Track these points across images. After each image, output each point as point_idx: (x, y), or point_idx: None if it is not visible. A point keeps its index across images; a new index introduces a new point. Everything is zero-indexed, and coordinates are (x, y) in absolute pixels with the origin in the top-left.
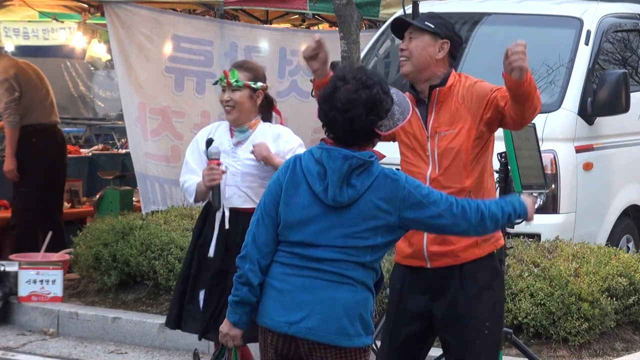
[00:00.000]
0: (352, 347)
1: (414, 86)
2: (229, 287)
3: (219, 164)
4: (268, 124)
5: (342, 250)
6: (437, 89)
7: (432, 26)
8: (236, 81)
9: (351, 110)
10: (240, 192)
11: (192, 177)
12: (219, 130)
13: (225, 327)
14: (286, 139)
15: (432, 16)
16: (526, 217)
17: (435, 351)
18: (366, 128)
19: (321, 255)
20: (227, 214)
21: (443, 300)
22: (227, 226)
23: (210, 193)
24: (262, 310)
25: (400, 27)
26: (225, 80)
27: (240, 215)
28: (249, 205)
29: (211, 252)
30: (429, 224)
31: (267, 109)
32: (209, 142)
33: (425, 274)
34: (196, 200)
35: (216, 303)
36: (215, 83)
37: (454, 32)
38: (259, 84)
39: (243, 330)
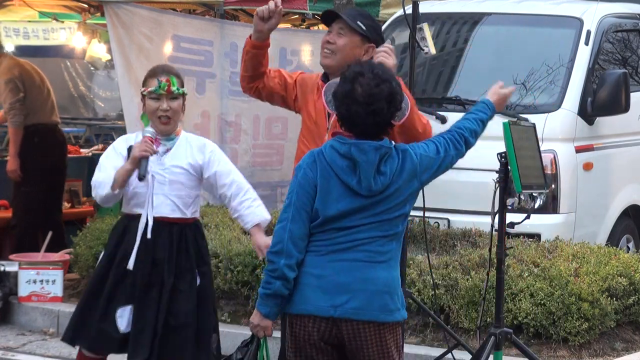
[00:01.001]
0: (392, 321)
1: (327, 76)
2: (165, 301)
3: (152, 142)
4: (188, 133)
5: (377, 227)
6: None
7: (364, 28)
8: (177, 89)
9: (373, 104)
10: (168, 200)
11: (107, 174)
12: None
13: (255, 318)
14: (211, 149)
15: (364, 15)
16: (494, 109)
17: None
18: (387, 120)
19: (357, 236)
20: (150, 223)
21: None
22: (149, 235)
23: (140, 164)
24: (300, 298)
25: (330, 17)
26: (166, 88)
27: (166, 226)
28: (176, 215)
29: (130, 265)
30: (440, 172)
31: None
32: (130, 149)
33: None
34: (112, 188)
35: (154, 321)
36: (154, 91)
37: (381, 36)
38: (184, 89)
39: (273, 321)
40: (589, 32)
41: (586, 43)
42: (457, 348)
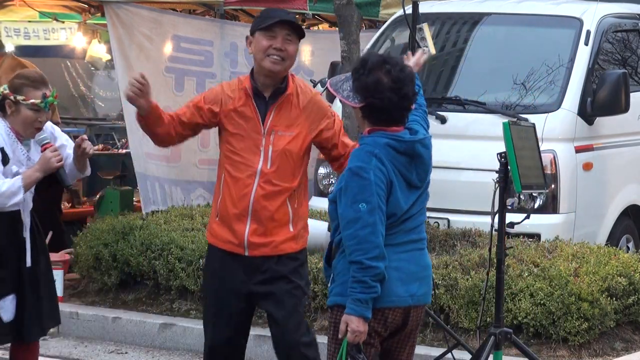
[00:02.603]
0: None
1: (256, 81)
2: (40, 284)
3: (54, 148)
4: None
5: (422, 213)
6: (287, 93)
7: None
8: (55, 101)
9: (403, 88)
10: (30, 195)
11: (3, 181)
12: (2, 141)
13: (360, 325)
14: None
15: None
16: None
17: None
18: (412, 103)
19: (414, 224)
20: (28, 220)
21: (261, 279)
22: (27, 234)
23: (58, 173)
24: (386, 292)
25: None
26: (49, 105)
27: (30, 216)
28: (31, 203)
29: (29, 262)
30: None
31: None
32: (2, 150)
33: (243, 260)
34: (24, 192)
35: (33, 302)
36: (41, 106)
37: None
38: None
39: None
40: (588, 32)
41: (586, 43)
42: (457, 348)
